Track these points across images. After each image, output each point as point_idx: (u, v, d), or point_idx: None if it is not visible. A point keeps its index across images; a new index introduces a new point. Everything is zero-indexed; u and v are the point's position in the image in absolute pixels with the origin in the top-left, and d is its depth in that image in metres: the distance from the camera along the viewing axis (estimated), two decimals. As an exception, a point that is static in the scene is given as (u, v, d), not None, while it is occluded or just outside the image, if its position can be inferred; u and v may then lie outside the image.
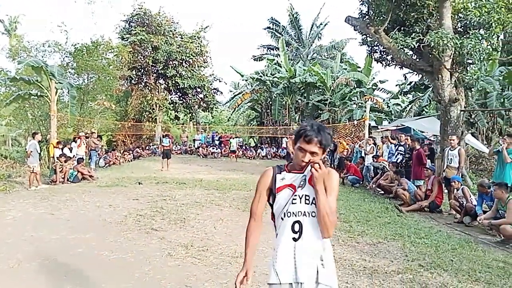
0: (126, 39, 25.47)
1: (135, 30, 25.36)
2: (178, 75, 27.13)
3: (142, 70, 27.53)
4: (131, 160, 19.66)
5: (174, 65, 27.25)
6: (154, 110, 27.15)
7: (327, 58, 33.94)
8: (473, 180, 11.83)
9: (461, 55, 10.96)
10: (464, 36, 11.00)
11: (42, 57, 18.87)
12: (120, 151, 20.21)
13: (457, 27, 12.26)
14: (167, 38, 26.55)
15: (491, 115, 18.66)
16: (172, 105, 29.09)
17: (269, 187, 2.12)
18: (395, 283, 4.08)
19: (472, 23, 11.29)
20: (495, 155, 8.59)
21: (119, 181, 11.66)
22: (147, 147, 24.97)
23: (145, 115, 27.20)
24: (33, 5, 77.12)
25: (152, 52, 26.34)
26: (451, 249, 5.39)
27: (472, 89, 18.33)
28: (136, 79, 27.50)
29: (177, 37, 27.86)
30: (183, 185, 11.09)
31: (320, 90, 28.00)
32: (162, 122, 29.37)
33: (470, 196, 7.55)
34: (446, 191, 8.86)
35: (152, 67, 27.16)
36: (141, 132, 27.68)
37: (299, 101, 29.28)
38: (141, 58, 26.69)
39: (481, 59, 11.21)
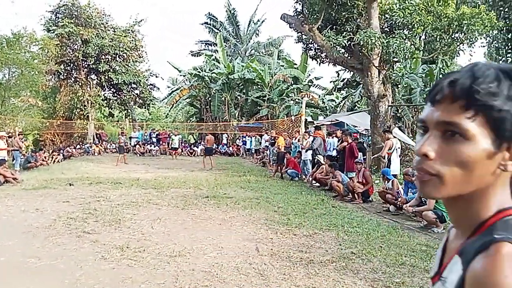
0: (52, 31, 23.80)
1: (63, 22, 23.78)
2: (111, 70, 25.94)
3: (72, 65, 25.93)
4: (61, 161, 18.47)
5: (107, 59, 25.99)
6: (85, 107, 25.73)
7: (265, 55, 34.42)
8: (401, 171, 12.68)
9: (387, 54, 11.68)
10: (390, 36, 11.74)
11: (-46, 49, 17.09)
12: (48, 151, 18.90)
13: (383, 27, 13.05)
14: (98, 31, 25.23)
15: (416, 110, 20.13)
16: (105, 101, 27.78)
17: None
18: (329, 271, 4.25)
19: (397, 24, 12.09)
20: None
21: (48, 183, 10.91)
22: (78, 146, 23.62)
23: (76, 112, 25.70)
24: None
25: (82, 46, 24.90)
26: (380, 236, 5.74)
27: (399, 86, 19.66)
28: (65, 74, 25.87)
29: (109, 30, 26.59)
30: (119, 185, 10.66)
31: (259, 86, 28.36)
32: (95, 120, 27.95)
33: (398, 188, 8.08)
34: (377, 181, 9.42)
35: (83, 62, 25.68)
36: (72, 131, 26.13)
37: (238, 97, 29.41)
38: (70, 52, 25.13)
39: (406, 58, 12.05)
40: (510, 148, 0.67)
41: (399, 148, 9.00)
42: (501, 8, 14.49)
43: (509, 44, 14.98)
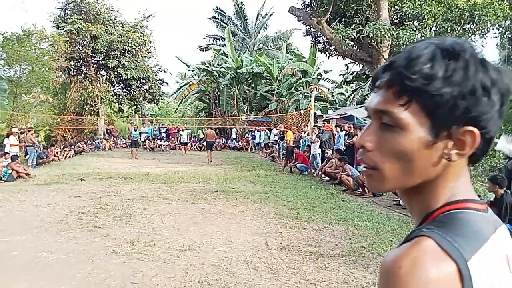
0: (61, 27, 23.91)
1: (72, 18, 23.87)
2: (120, 66, 26.02)
3: (81, 61, 26.09)
4: (72, 156, 18.68)
5: (116, 55, 26.09)
6: (95, 103, 25.90)
7: (273, 48, 34.26)
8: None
9: (397, 46, 11.54)
10: (400, 28, 11.57)
11: (-34, 46, 17.32)
12: (60, 146, 19.12)
13: (393, 19, 12.87)
14: (107, 27, 25.31)
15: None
16: (115, 97, 27.91)
17: None
18: (339, 265, 4.24)
19: (407, 15, 11.90)
20: None
21: (59, 178, 11.04)
22: (89, 142, 23.85)
23: (87, 108, 25.88)
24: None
25: (91, 42, 25.00)
26: (391, 230, 5.70)
27: (409, 78, 19.43)
28: (75, 70, 26.03)
29: (117, 26, 26.64)
30: (129, 179, 10.74)
31: (267, 80, 28.28)
32: (105, 115, 28.16)
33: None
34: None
35: (92, 58, 25.81)
36: (82, 126, 26.36)
37: (247, 91, 29.38)
38: (79, 48, 25.26)
39: (416, 50, 11.88)
40: (452, 135, 0.60)
41: None
42: (514, -2, 14.16)
43: (522, 35, 14.68)
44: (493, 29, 12.66)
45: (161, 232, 5.52)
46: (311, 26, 13.95)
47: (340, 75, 31.81)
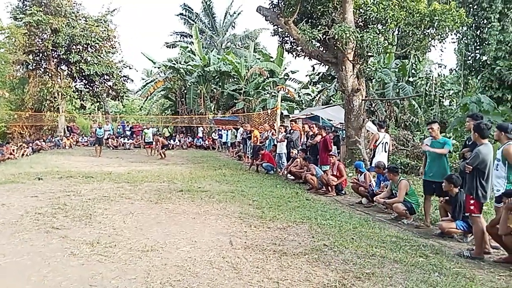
0: (20, 19, 22.82)
1: (31, 10, 22.83)
2: (83, 61, 25.13)
3: (41, 55, 25.00)
4: (30, 154, 17.87)
5: (78, 50, 25.19)
6: (56, 99, 24.88)
7: (241, 47, 34.25)
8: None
9: (361, 48, 11.81)
10: (364, 30, 11.86)
11: None
12: (16, 144, 18.24)
13: (358, 22, 13.16)
14: (68, 20, 24.37)
15: (388, 104, 20.55)
16: (77, 93, 26.94)
17: None
18: (302, 263, 4.29)
19: (371, 19, 12.22)
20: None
21: (15, 177, 10.52)
22: (48, 139, 22.90)
23: (46, 104, 24.81)
24: None
25: (51, 35, 23.98)
26: (352, 228, 5.83)
27: (372, 80, 19.98)
28: (34, 64, 24.94)
29: (80, 19, 25.74)
30: (90, 179, 10.40)
31: (235, 79, 28.23)
32: (66, 112, 27.13)
33: (371, 181, 8.22)
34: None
35: (53, 52, 24.79)
36: (41, 123, 25.28)
37: (214, 90, 29.18)
38: (38, 41, 24.18)
39: (379, 52, 12.23)
40: None
41: (387, 143, 9.02)
42: (471, 5, 14.87)
43: (477, 41, 15.42)
44: (451, 34, 13.23)
45: (122, 233, 5.38)
46: (279, 26, 14.04)
47: (306, 75, 32.25)
